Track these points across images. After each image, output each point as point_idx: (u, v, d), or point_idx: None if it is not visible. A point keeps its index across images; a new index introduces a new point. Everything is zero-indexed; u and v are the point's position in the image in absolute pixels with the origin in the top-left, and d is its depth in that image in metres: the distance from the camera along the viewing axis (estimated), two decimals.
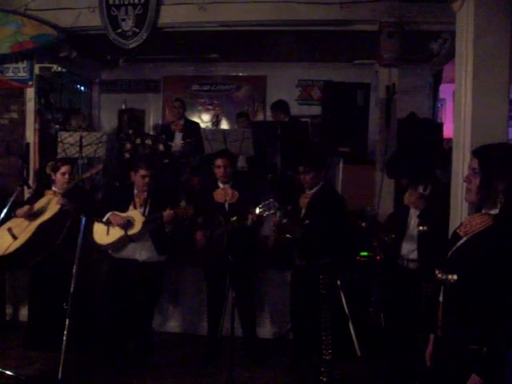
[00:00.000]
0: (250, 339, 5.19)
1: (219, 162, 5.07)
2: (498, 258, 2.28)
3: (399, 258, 4.35)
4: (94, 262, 5.34)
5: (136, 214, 4.87)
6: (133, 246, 4.90)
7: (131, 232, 4.82)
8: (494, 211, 2.44)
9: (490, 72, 3.79)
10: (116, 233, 4.85)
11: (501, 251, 2.29)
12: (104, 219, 4.87)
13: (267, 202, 4.48)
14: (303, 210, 4.69)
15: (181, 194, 7.03)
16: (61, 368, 4.20)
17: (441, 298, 2.59)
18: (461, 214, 3.76)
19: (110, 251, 5.00)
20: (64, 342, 4.25)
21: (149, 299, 5.07)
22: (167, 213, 4.71)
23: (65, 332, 4.26)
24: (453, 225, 3.79)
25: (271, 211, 4.46)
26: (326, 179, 4.86)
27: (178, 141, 7.52)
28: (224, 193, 5.06)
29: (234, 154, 5.60)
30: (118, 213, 4.87)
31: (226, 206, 5.02)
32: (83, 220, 4.46)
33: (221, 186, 5.12)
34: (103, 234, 4.88)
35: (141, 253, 4.91)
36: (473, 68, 3.80)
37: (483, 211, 2.49)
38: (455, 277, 2.44)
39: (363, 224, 5.39)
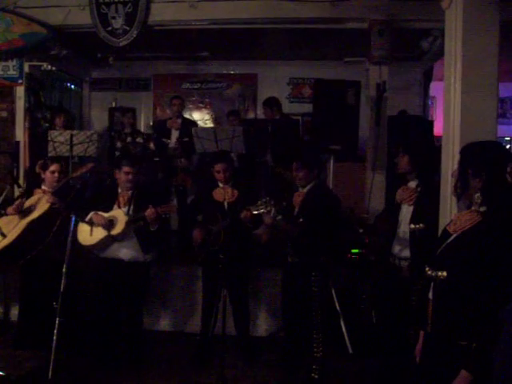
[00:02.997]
0: (243, 337, 5.19)
1: (218, 167, 5.06)
2: (487, 254, 2.30)
3: (391, 256, 4.35)
4: (84, 260, 5.31)
5: (119, 214, 4.84)
6: (118, 245, 4.87)
7: (114, 232, 4.79)
8: (483, 208, 2.46)
9: (478, 69, 3.80)
10: (99, 233, 4.81)
11: (489, 248, 2.30)
12: (86, 219, 4.84)
13: (263, 201, 4.48)
14: (296, 208, 4.70)
15: (172, 193, 7.04)
16: (51, 367, 4.19)
17: (430, 295, 2.60)
18: (450, 211, 3.77)
19: (94, 251, 4.97)
20: (54, 341, 4.23)
21: (136, 299, 5.05)
22: (149, 211, 4.69)
23: (55, 331, 4.25)
24: (442, 222, 3.80)
25: (267, 209, 4.45)
26: (320, 178, 4.87)
27: (174, 139, 7.49)
28: (223, 192, 5.06)
29: (231, 156, 5.58)
30: (100, 213, 4.85)
31: (226, 204, 5.02)
32: (73, 219, 4.44)
33: (220, 185, 5.12)
34: (87, 234, 4.85)
35: (126, 252, 4.87)
36: (462, 66, 3.81)
37: (472, 208, 2.51)
38: (445, 273, 2.45)
39: (361, 230, 5.42)
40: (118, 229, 4.78)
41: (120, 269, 4.86)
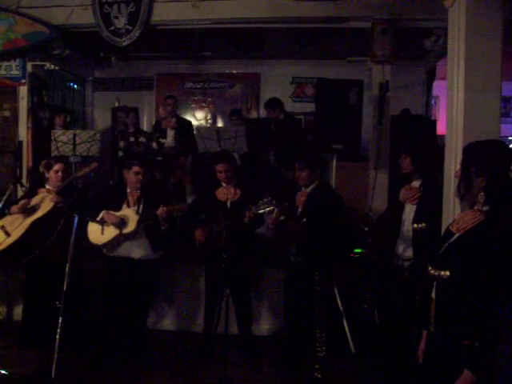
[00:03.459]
0: (246, 336, 5.19)
1: (219, 167, 5.06)
2: (490, 254, 2.29)
3: (394, 256, 4.33)
4: (88, 259, 5.33)
5: (130, 213, 4.87)
6: (128, 244, 4.89)
7: (126, 231, 4.81)
8: (486, 208, 2.45)
9: (482, 68, 3.79)
10: (111, 232, 4.84)
11: (492, 247, 2.29)
12: (98, 218, 4.86)
13: (265, 200, 4.48)
14: (300, 208, 4.70)
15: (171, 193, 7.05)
16: (54, 367, 4.20)
17: (433, 295, 2.59)
18: (453, 211, 3.77)
19: (104, 250, 4.98)
20: (57, 341, 4.23)
21: (144, 297, 5.07)
22: (161, 210, 4.71)
23: (58, 330, 4.25)
24: (446, 221, 3.79)
25: (270, 209, 4.46)
26: (323, 177, 4.86)
27: (169, 138, 7.50)
28: (226, 191, 5.06)
29: (232, 155, 5.59)
30: (111, 212, 4.87)
31: (228, 203, 5.03)
32: (76, 218, 4.45)
33: (223, 184, 5.12)
34: (98, 233, 4.88)
35: (136, 251, 4.90)
36: (465, 65, 3.80)
37: (475, 207, 2.50)
38: (448, 273, 2.44)
39: (366, 229, 5.41)
40: (129, 227, 4.81)
41: (130, 267, 4.88)
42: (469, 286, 2.35)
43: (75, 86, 9.28)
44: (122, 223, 4.81)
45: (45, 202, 4.98)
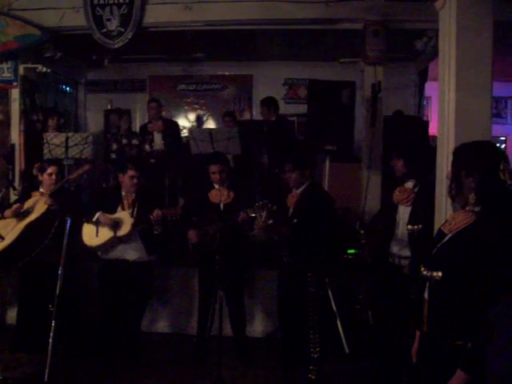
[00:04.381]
0: (239, 338, 5.19)
1: (213, 168, 5.05)
2: (481, 254, 2.30)
3: (390, 256, 4.33)
4: (82, 262, 5.31)
5: (125, 216, 4.86)
6: (122, 246, 4.89)
7: (120, 233, 4.81)
8: (478, 208, 2.46)
9: (473, 69, 3.81)
10: (105, 234, 4.84)
11: (483, 248, 2.30)
12: (93, 219, 4.86)
13: (260, 203, 4.47)
14: (291, 209, 4.70)
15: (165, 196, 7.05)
16: (47, 370, 4.17)
17: (426, 295, 2.60)
18: (446, 211, 3.78)
19: (99, 253, 4.98)
20: (50, 344, 4.22)
21: (139, 299, 5.06)
22: (155, 214, 4.71)
23: (51, 334, 4.23)
24: (438, 222, 3.80)
25: (260, 213, 4.44)
26: (313, 178, 4.87)
27: (158, 141, 7.47)
28: (219, 193, 5.05)
29: (226, 157, 5.59)
30: (106, 214, 4.87)
31: (221, 206, 5.02)
32: (68, 221, 4.44)
33: (216, 186, 5.11)
34: (92, 235, 4.87)
35: (130, 253, 4.90)
36: (456, 66, 3.82)
37: (467, 208, 2.51)
38: (440, 274, 2.45)
39: (362, 231, 5.42)
40: (123, 230, 4.81)
41: (125, 269, 4.88)
42: (461, 287, 2.36)
43: (67, 89, 9.25)
44: (116, 225, 4.81)
45: (38, 205, 4.97)
